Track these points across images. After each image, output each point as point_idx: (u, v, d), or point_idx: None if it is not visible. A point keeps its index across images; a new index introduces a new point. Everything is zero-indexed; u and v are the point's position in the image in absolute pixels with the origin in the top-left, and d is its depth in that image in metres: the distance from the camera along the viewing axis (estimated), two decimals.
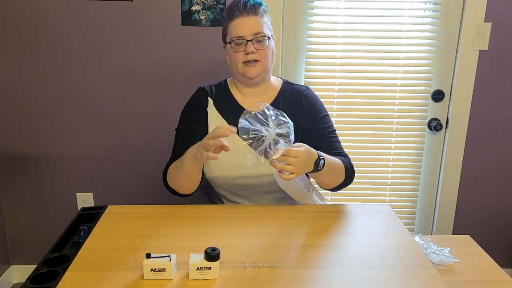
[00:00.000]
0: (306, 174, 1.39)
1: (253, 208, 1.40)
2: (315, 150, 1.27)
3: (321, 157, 1.27)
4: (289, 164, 1.20)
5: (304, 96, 1.52)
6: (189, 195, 1.43)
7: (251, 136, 1.17)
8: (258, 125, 1.18)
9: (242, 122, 1.19)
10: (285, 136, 1.19)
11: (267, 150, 1.18)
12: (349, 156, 1.50)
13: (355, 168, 1.43)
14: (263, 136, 1.17)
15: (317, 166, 1.27)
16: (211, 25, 2.05)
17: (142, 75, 2.12)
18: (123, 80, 2.13)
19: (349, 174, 1.44)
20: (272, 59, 1.47)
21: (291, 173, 1.22)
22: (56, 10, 2.02)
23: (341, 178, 1.42)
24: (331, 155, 1.43)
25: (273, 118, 1.20)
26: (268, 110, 1.21)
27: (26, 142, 2.19)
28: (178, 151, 1.45)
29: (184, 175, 1.34)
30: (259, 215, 1.35)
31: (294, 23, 2.10)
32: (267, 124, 1.19)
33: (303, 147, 1.23)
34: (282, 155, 1.18)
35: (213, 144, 1.17)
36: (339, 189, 1.47)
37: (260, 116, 1.19)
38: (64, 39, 2.06)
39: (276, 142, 1.18)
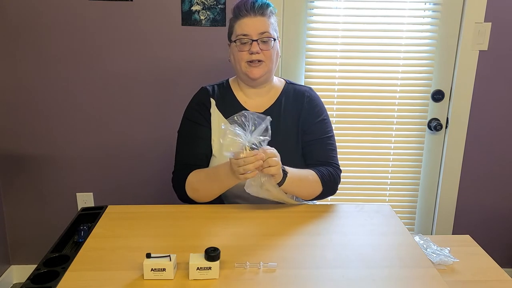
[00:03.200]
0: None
1: (253, 208, 1.40)
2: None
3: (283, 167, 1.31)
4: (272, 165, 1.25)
5: (306, 97, 1.53)
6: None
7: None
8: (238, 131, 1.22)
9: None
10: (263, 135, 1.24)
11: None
12: (341, 165, 1.52)
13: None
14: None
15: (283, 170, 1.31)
16: (211, 25, 2.05)
17: (142, 75, 2.12)
18: (123, 80, 2.13)
19: (327, 185, 1.43)
20: (276, 61, 1.48)
21: (275, 166, 1.25)
22: (55, 10, 2.02)
23: (315, 189, 1.42)
24: (322, 163, 1.46)
25: (250, 123, 1.23)
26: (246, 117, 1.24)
27: (26, 142, 2.19)
28: (184, 159, 1.47)
29: (219, 188, 1.39)
30: (259, 215, 1.35)
31: (294, 23, 2.10)
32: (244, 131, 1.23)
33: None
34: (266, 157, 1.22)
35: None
36: (321, 199, 1.48)
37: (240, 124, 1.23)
38: (64, 39, 2.06)
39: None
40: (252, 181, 1.28)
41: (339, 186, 1.50)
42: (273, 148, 1.28)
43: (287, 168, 1.33)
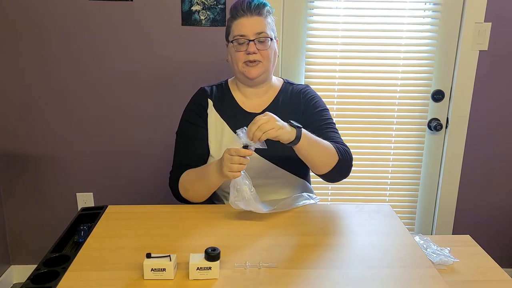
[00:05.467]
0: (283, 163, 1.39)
1: None
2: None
3: (292, 121, 1.26)
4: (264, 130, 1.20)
5: (303, 93, 1.53)
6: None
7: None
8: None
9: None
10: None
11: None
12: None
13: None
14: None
15: (294, 127, 1.25)
16: (211, 25, 2.05)
17: (142, 75, 2.12)
18: (123, 80, 2.13)
19: (344, 159, 1.37)
20: (273, 60, 1.47)
21: (272, 129, 1.20)
22: (55, 10, 2.02)
23: (332, 157, 1.35)
24: None
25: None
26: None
27: (26, 142, 2.19)
28: (180, 159, 1.47)
29: (207, 188, 1.37)
30: (258, 215, 1.34)
31: (294, 23, 2.10)
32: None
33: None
34: (251, 133, 1.21)
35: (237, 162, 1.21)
36: (335, 178, 1.42)
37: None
38: (64, 39, 2.06)
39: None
40: (235, 191, 1.26)
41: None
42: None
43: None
